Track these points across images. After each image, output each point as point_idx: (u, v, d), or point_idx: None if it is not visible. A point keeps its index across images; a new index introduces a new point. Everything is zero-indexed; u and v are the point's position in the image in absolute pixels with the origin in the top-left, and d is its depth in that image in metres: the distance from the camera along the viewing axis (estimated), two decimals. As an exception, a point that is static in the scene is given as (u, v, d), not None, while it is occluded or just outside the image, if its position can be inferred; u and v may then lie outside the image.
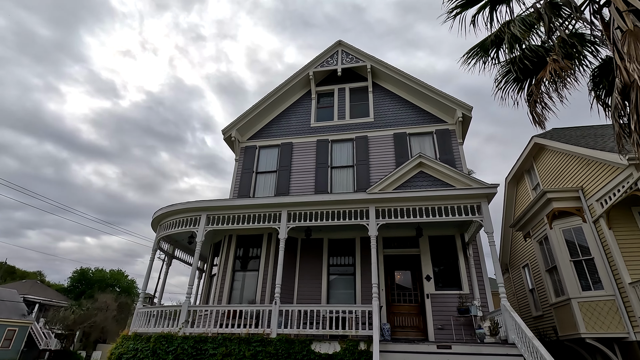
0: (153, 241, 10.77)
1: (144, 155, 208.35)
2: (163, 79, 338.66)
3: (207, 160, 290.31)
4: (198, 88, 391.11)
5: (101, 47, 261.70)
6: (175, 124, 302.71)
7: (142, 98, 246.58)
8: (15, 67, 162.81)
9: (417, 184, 8.99)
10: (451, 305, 9.28)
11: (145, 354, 7.96)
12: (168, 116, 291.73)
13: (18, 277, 49.87)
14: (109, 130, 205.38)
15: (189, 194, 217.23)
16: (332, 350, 7.34)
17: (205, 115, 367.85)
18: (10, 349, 30.16)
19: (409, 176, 9.08)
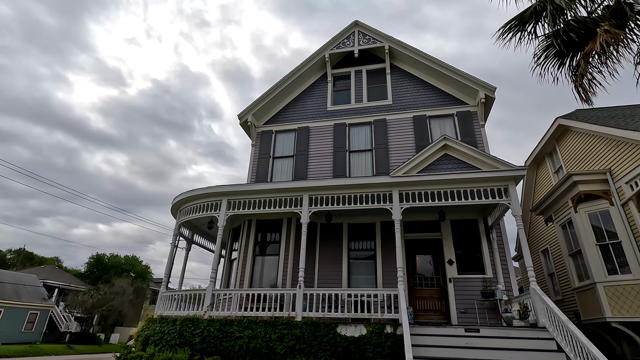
0: (173, 227, 10.82)
1: (152, 143, 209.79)
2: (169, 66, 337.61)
3: (215, 147, 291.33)
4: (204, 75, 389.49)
5: (106, 35, 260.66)
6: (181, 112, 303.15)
7: (149, 86, 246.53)
8: (22, 57, 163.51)
9: (441, 166, 8.80)
10: (474, 289, 9.20)
11: (172, 336, 8.08)
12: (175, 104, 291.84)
13: (37, 262, 51.23)
14: (117, 118, 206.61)
15: (197, 182, 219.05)
16: (357, 333, 7.35)
17: (211, 103, 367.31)
18: (33, 331, 31.21)
19: (433, 159, 8.88)
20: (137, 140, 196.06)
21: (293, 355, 7.23)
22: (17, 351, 24.75)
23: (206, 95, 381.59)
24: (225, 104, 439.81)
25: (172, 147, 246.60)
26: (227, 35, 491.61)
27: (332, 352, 7.18)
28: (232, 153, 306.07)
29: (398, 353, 6.89)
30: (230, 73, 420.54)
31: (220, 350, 7.69)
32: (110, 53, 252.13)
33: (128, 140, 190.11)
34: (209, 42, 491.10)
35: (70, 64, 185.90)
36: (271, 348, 7.41)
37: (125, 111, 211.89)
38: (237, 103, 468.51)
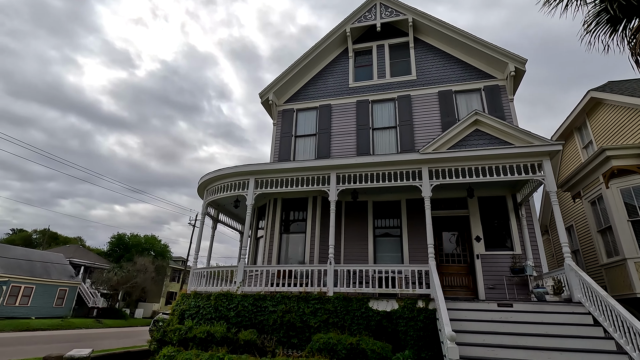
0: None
1: (162, 125, 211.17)
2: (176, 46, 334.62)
3: (224, 128, 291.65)
4: (211, 55, 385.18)
5: (113, 15, 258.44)
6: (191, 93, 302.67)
7: (157, 67, 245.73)
8: (32, 40, 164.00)
9: (472, 142, 8.63)
10: (502, 265, 9.20)
11: (207, 310, 8.37)
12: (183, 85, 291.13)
13: (61, 242, 53.24)
14: (127, 101, 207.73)
15: (208, 163, 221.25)
16: (389, 308, 7.48)
17: (220, 83, 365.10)
18: (63, 306, 32.83)
19: (464, 135, 8.70)
20: (148, 122, 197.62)
21: (327, 328, 7.43)
22: (51, 324, 26.17)
23: (214, 75, 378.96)
24: (233, 84, 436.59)
25: (182, 128, 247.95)
26: (234, 13, 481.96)
27: (365, 326, 7.35)
28: (241, 134, 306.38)
29: (431, 327, 7.02)
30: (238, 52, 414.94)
31: (255, 324, 7.95)
32: (118, 34, 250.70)
33: (139, 122, 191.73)
34: (216, 20, 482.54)
35: (78, 46, 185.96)
36: (305, 322, 7.62)
37: (135, 93, 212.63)
38: (245, 82, 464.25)
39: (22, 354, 11.77)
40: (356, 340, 6.66)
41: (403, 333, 7.14)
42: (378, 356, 6.41)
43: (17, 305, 29.18)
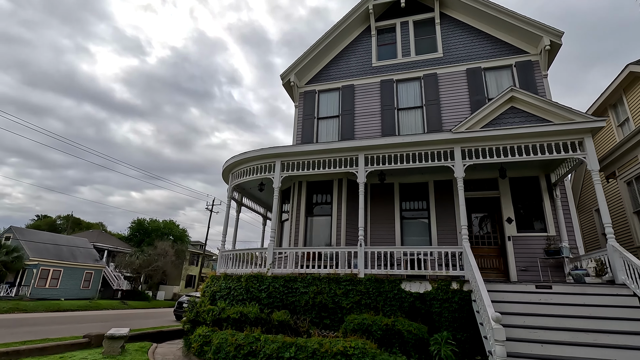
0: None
1: (175, 112, 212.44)
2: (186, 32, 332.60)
3: (236, 114, 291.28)
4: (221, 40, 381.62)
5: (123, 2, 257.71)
6: (201, 79, 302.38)
7: (167, 54, 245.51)
8: (45, 30, 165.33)
9: (507, 120, 8.28)
10: (535, 247, 8.98)
11: (239, 292, 8.47)
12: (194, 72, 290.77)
13: (84, 227, 54.96)
14: (140, 88, 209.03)
15: (221, 149, 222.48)
16: (423, 290, 7.41)
17: (230, 69, 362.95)
18: (90, 288, 34.13)
19: (499, 112, 8.35)
20: (160, 110, 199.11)
21: (359, 310, 7.43)
22: (79, 305, 27.25)
23: (224, 61, 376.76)
24: (243, 69, 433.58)
25: (194, 115, 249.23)
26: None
27: (398, 307, 7.32)
28: (253, 119, 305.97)
29: (466, 309, 6.93)
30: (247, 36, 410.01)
31: (287, 305, 8.02)
32: (128, 21, 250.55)
33: (152, 109, 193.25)
34: (224, 4, 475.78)
35: (90, 35, 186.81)
36: (337, 303, 7.63)
37: (147, 81, 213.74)
38: (255, 68, 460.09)
39: (59, 333, 12.27)
40: (391, 321, 6.63)
41: (437, 314, 7.09)
42: (414, 337, 6.38)
43: (47, 287, 30.45)
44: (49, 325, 15.33)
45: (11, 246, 26.80)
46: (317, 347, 5.97)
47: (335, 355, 5.72)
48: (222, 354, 6.74)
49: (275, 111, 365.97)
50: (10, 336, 11.44)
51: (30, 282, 29.01)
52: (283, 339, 6.46)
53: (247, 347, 6.57)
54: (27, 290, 28.60)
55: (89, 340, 7.90)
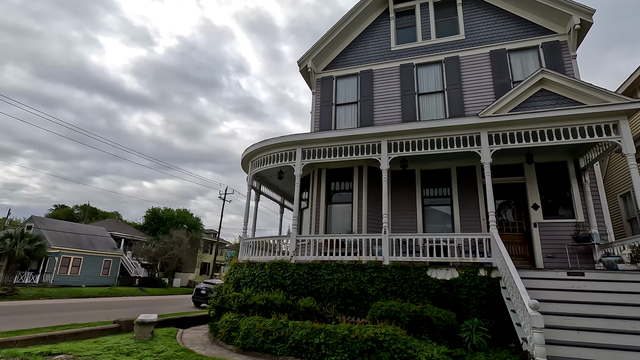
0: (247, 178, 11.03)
1: (183, 102, 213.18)
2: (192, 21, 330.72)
3: (244, 103, 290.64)
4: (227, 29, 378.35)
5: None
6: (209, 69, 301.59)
7: (175, 44, 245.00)
8: (55, 22, 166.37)
9: (536, 103, 8.01)
10: (563, 233, 8.79)
11: (263, 279, 8.54)
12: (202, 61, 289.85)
13: (100, 216, 56.20)
14: (148, 79, 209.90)
15: (230, 138, 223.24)
16: (449, 277, 7.34)
17: (237, 57, 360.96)
18: (109, 276, 35.04)
19: (528, 95, 8.08)
20: (169, 100, 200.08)
21: (385, 296, 7.42)
22: (100, 292, 28.05)
23: (231, 49, 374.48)
24: (251, 58, 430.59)
25: (203, 104, 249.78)
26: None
27: (425, 294, 7.28)
28: (261, 108, 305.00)
29: (494, 295, 6.85)
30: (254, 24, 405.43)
31: (311, 292, 8.05)
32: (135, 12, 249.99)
33: (161, 99, 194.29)
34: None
35: (98, 26, 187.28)
36: (362, 290, 7.63)
37: (155, 71, 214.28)
38: (263, 56, 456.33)
39: (86, 318, 12.63)
40: (420, 307, 6.60)
41: (464, 301, 7.03)
42: (444, 324, 6.35)
43: (68, 274, 31.36)
44: (75, 311, 15.81)
45: (33, 235, 27.53)
46: (347, 333, 6.00)
47: (366, 341, 5.74)
48: (250, 340, 6.84)
49: (284, 100, 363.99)
50: (42, 321, 11.82)
51: (52, 269, 29.90)
52: (311, 325, 6.50)
53: (276, 333, 6.64)
54: (50, 277, 29.51)
55: (119, 326, 8.10)
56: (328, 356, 5.98)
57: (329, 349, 6.01)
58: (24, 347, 6.15)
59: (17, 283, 26.33)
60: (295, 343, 6.35)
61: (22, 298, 21.60)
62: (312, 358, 6.17)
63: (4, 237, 25.92)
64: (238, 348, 6.93)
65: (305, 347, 6.25)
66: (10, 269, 25.62)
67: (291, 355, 6.38)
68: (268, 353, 6.59)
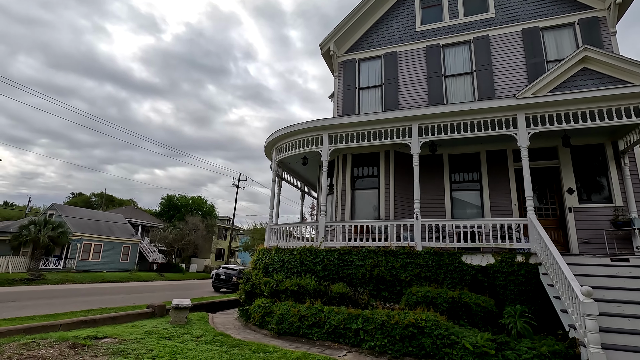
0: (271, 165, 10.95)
1: (192, 89, 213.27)
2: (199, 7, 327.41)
3: (253, 90, 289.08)
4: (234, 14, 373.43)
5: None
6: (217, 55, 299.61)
7: (182, 30, 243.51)
8: (63, 10, 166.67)
9: (577, 83, 7.66)
10: (599, 218, 8.54)
11: (293, 264, 8.54)
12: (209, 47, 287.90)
13: (117, 204, 57.29)
14: (157, 67, 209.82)
15: (239, 126, 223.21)
16: (485, 262, 7.21)
17: (244, 44, 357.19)
18: (128, 261, 35.90)
19: (568, 75, 7.72)
20: (178, 87, 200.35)
21: (419, 282, 7.35)
22: (121, 277, 28.79)
23: (239, 35, 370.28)
24: (258, 44, 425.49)
25: (211, 92, 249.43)
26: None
27: (459, 280, 7.18)
28: (269, 95, 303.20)
29: (533, 282, 6.71)
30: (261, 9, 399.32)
31: (342, 277, 8.03)
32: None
33: (170, 87, 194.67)
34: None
35: (106, 13, 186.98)
36: (395, 276, 7.57)
37: (164, 58, 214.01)
38: (270, 42, 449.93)
39: (113, 302, 12.96)
40: (457, 293, 6.52)
41: (502, 287, 6.91)
42: (483, 310, 6.26)
43: (90, 260, 32.23)
44: (102, 295, 16.25)
45: (56, 222, 28.24)
46: (386, 319, 5.96)
47: (407, 327, 5.69)
48: (285, 325, 6.87)
49: (292, 86, 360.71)
50: (73, 305, 12.17)
51: (75, 255, 30.74)
52: (348, 311, 6.48)
53: (311, 318, 6.65)
54: (73, 263, 30.37)
55: (152, 310, 8.24)
56: (367, 341, 5.97)
57: (368, 335, 6.00)
58: (67, 330, 6.29)
59: (42, 268, 27.18)
60: (332, 328, 6.36)
61: (48, 283, 22.31)
62: (349, 343, 6.17)
63: (28, 225, 26.65)
64: (273, 333, 6.99)
65: (342, 333, 6.25)
66: (35, 254, 26.41)
67: (328, 340, 6.40)
68: (304, 338, 6.62)
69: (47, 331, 6.01)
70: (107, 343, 5.25)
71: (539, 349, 4.99)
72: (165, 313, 8.53)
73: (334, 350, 6.00)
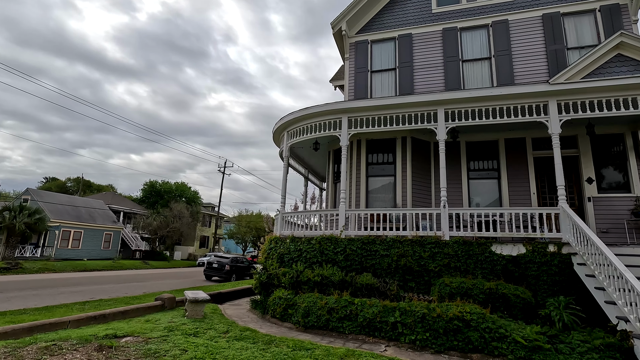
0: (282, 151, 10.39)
1: (170, 72, 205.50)
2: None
3: (233, 74, 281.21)
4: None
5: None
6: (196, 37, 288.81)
7: (159, 10, 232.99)
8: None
9: (611, 70, 7.48)
10: (619, 208, 8.53)
11: (312, 254, 8.14)
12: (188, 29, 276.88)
13: (95, 189, 54.90)
14: (133, 47, 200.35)
15: (219, 111, 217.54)
16: (515, 252, 7.04)
17: (224, 26, 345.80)
18: (110, 249, 34.55)
19: (602, 61, 7.52)
20: (155, 70, 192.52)
21: (448, 273, 7.11)
22: (104, 265, 27.65)
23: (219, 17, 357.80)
24: (239, 27, 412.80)
25: (190, 75, 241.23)
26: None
27: (490, 270, 6.99)
28: (250, 80, 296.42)
29: (567, 272, 6.59)
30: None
31: (366, 268, 7.71)
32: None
33: (147, 69, 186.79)
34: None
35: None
36: (423, 266, 7.30)
37: (139, 39, 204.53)
38: (252, 25, 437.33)
39: (105, 293, 12.24)
40: (494, 284, 6.31)
41: (534, 278, 6.76)
42: (522, 301, 6.08)
43: (69, 248, 30.75)
44: (89, 285, 15.39)
45: (32, 208, 26.62)
46: (426, 311, 5.68)
47: (451, 320, 5.43)
48: (312, 318, 6.50)
49: (273, 71, 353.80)
50: (62, 296, 11.39)
51: (53, 243, 29.22)
52: (382, 303, 6.17)
53: (342, 310, 6.30)
54: (52, 251, 28.88)
55: (162, 303, 7.69)
56: (406, 335, 5.68)
57: (407, 328, 5.71)
58: (76, 327, 5.69)
59: (18, 257, 25.67)
60: (366, 322, 6.03)
61: (27, 272, 21.05)
62: (386, 337, 5.88)
63: (2, 210, 24.98)
64: (298, 326, 6.61)
65: (378, 326, 5.94)
66: (10, 242, 24.87)
67: (361, 334, 6.08)
68: (334, 332, 6.28)
69: (55, 329, 5.39)
70: (132, 343, 4.72)
71: (591, 341, 4.84)
72: (175, 305, 7.99)
73: (372, 345, 5.68)
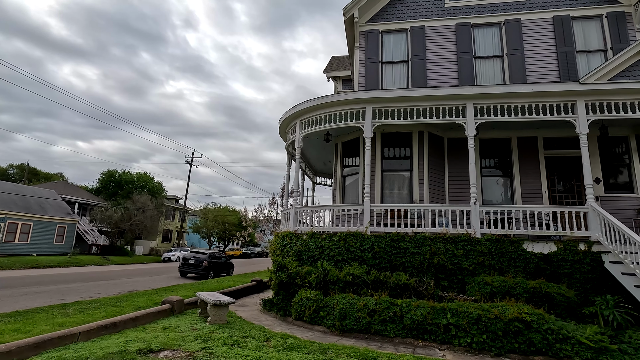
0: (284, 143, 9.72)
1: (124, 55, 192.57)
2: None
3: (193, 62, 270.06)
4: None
5: None
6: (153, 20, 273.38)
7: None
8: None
9: (636, 73, 7.68)
10: (626, 208, 8.89)
11: (336, 252, 7.63)
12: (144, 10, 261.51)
13: (42, 178, 49.86)
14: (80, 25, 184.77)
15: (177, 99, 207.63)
16: (547, 250, 7.03)
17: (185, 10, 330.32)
18: (63, 243, 31.52)
19: (628, 64, 7.70)
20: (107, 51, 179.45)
21: (482, 271, 6.95)
22: (59, 262, 25.05)
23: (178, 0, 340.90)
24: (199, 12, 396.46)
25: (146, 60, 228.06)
26: None
27: (523, 269, 6.92)
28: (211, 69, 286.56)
29: (598, 270, 6.68)
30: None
31: (395, 266, 7.35)
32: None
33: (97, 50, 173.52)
34: None
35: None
36: (456, 264, 7.08)
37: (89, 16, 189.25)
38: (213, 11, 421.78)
39: (76, 293, 10.88)
40: (538, 283, 6.22)
41: (566, 276, 6.78)
42: (566, 300, 6.04)
43: (16, 242, 27.59)
44: (56, 284, 13.68)
45: (-27, 197, 23.43)
46: (482, 313, 5.42)
47: (511, 322, 5.21)
48: (350, 321, 6.03)
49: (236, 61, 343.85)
50: (28, 298, 9.89)
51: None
52: (430, 304, 5.84)
53: (384, 312, 5.89)
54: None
55: (171, 307, 6.82)
56: (460, 338, 5.40)
57: (461, 330, 5.42)
58: (86, 339, 4.77)
59: (-45, 252, 22.50)
60: (414, 324, 5.67)
61: (-31, 269, 18.43)
62: (437, 340, 5.56)
63: None
64: (334, 330, 6.10)
65: (429, 329, 5.60)
66: (-54, 235, 21.69)
67: (408, 337, 5.71)
68: (377, 335, 5.86)
69: (65, 343, 4.46)
70: (171, 359, 3.97)
71: (652, 341, 4.84)
72: (184, 309, 7.14)
73: (426, 350, 5.33)
